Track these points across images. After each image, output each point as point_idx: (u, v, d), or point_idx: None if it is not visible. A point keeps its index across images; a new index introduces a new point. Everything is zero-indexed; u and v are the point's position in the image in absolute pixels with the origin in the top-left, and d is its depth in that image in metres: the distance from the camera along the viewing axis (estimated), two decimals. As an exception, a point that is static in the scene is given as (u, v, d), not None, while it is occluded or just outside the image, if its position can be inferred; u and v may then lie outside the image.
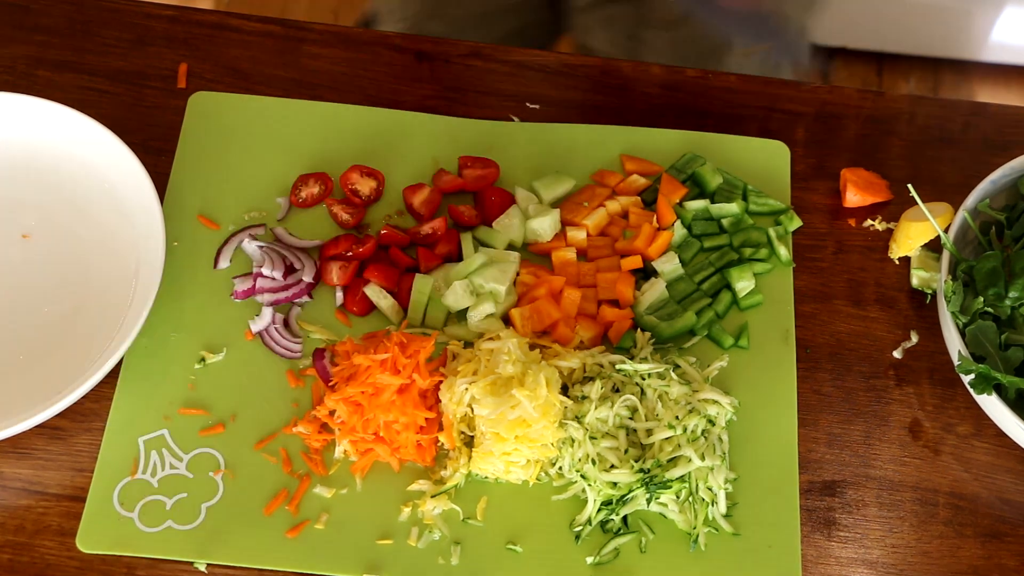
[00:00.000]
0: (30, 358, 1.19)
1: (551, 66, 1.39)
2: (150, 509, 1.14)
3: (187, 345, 1.21)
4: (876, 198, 1.32)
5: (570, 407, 1.15)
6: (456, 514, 1.15)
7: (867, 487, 1.19)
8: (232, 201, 1.29)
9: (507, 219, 1.27)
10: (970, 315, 1.17)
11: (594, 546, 1.14)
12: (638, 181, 1.31)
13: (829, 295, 1.28)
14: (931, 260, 1.27)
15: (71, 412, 1.18)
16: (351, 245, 1.25)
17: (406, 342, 1.17)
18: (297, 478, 1.16)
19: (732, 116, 1.37)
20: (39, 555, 1.12)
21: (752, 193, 1.31)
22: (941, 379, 1.24)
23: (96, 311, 1.21)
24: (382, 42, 1.40)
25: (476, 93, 1.37)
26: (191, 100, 1.34)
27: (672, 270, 1.26)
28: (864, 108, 1.38)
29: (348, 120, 1.34)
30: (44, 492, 1.15)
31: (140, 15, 1.39)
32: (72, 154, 1.27)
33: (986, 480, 1.20)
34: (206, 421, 1.18)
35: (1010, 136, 1.37)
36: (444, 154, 1.33)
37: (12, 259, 1.24)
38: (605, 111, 1.36)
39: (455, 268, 1.23)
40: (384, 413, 1.14)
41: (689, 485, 1.13)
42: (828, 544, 1.16)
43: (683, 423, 1.14)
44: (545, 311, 1.21)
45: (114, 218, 1.25)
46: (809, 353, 1.25)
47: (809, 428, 1.21)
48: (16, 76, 1.34)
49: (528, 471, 1.14)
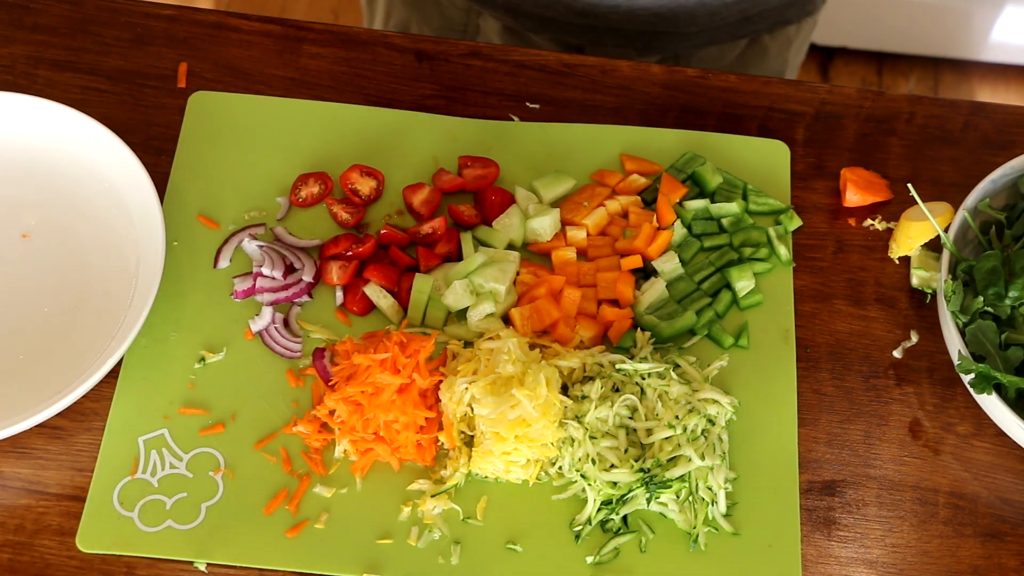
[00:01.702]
0: (30, 358, 1.19)
1: (551, 66, 1.39)
2: (150, 509, 1.14)
3: (187, 345, 1.21)
4: (876, 198, 1.32)
5: (570, 407, 1.15)
6: (456, 514, 1.15)
7: (867, 487, 1.19)
8: (232, 201, 1.29)
9: (507, 219, 1.27)
10: (970, 315, 1.17)
11: (594, 546, 1.14)
12: (638, 181, 1.31)
13: (829, 295, 1.28)
14: (931, 260, 1.27)
15: (71, 412, 1.18)
16: (351, 245, 1.25)
17: (406, 342, 1.17)
18: (297, 478, 1.16)
19: (732, 116, 1.37)
20: (39, 555, 1.12)
21: (752, 193, 1.31)
22: (941, 379, 1.24)
23: (96, 311, 1.21)
24: (382, 42, 1.40)
25: (476, 93, 1.37)
26: (191, 100, 1.34)
27: (672, 270, 1.26)
28: (864, 108, 1.39)
29: (348, 120, 1.34)
30: (44, 492, 1.15)
31: (140, 15, 1.39)
32: (72, 154, 1.27)
33: (986, 480, 1.20)
34: (206, 421, 1.18)
35: (1010, 136, 1.37)
36: (444, 154, 1.33)
37: (12, 259, 1.24)
38: (605, 111, 1.36)
39: (455, 268, 1.23)
40: (384, 413, 1.14)
41: (689, 485, 1.13)
42: (828, 544, 1.16)
43: (683, 423, 1.14)
44: (545, 311, 1.21)
45: (114, 218, 1.25)
46: (809, 353, 1.25)
47: (809, 428, 1.21)
48: (16, 76, 1.34)
49: (528, 471, 1.14)
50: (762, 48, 1.60)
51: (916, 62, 2.75)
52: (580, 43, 1.54)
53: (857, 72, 2.73)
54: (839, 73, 2.72)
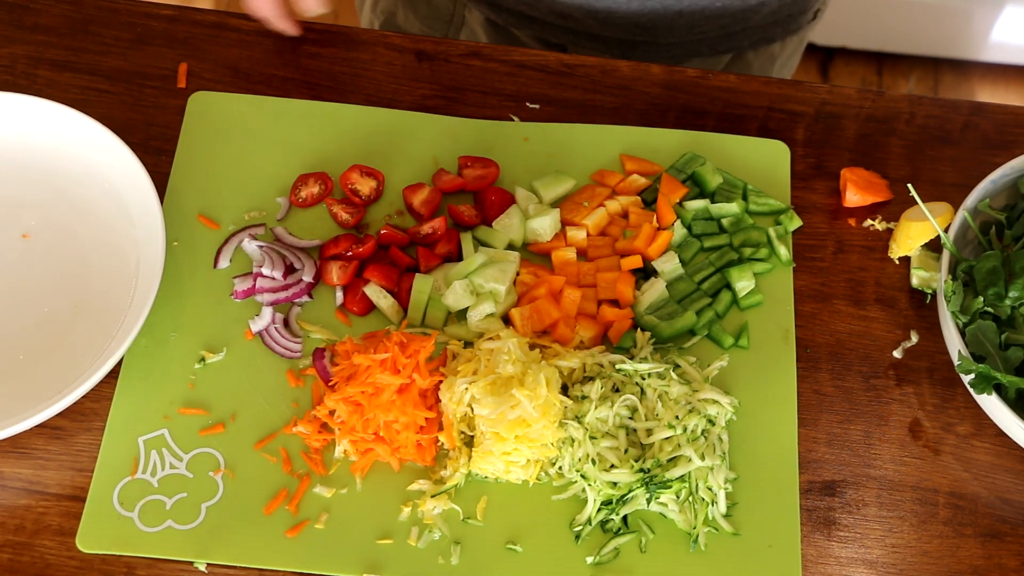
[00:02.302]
0: (30, 358, 1.19)
1: (551, 66, 1.39)
2: (150, 509, 1.14)
3: (187, 345, 1.21)
4: (876, 198, 1.32)
5: (570, 407, 1.15)
6: (456, 514, 1.15)
7: (867, 487, 1.19)
8: (232, 201, 1.29)
9: (507, 219, 1.27)
10: (970, 315, 1.17)
11: (594, 546, 1.14)
12: (638, 181, 1.31)
13: (829, 295, 1.28)
14: (931, 260, 1.27)
15: (71, 412, 1.18)
16: (351, 245, 1.25)
17: (406, 342, 1.17)
18: (297, 478, 1.16)
19: (732, 116, 1.37)
20: (39, 555, 1.12)
21: (752, 193, 1.31)
22: (941, 379, 1.24)
23: (96, 311, 1.21)
24: (382, 42, 1.40)
25: (476, 93, 1.37)
26: (191, 100, 1.34)
27: (672, 270, 1.26)
28: (864, 108, 1.39)
29: (348, 120, 1.34)
30: (44, 492, 1.15)
31: (140, 15, 1.39)
32: (72, 154, 1.27)
33: (986, 480, 1.20)
34: (206, 421, 1.18)
35: (1010, 136, 1.37)
36: (444, 154, 1.33)
37: (12, 259, 1.24)
38: (605, 111, 1.36)
39: (455, 268, 1.23)
40: (384, 413, 1.14)
41: (689, 485, 1.13)
42: (828, 544, 1.16)
43: (683, 423, 1.14)
44: (545, 311, 1.21)
45: (114, 218, 1.25)
46: (809, 353, 1.25)
47: (809, 428, 1.21)
48: (16, 76, 1.34)
49: (528, 471, 1.14)
50: (745, 64, 1.60)
51: (916, 62, 2.75)
52: (561, 43, 1.54)
53: (857, 72, 2.73)
54: (839, 73, 2.72)
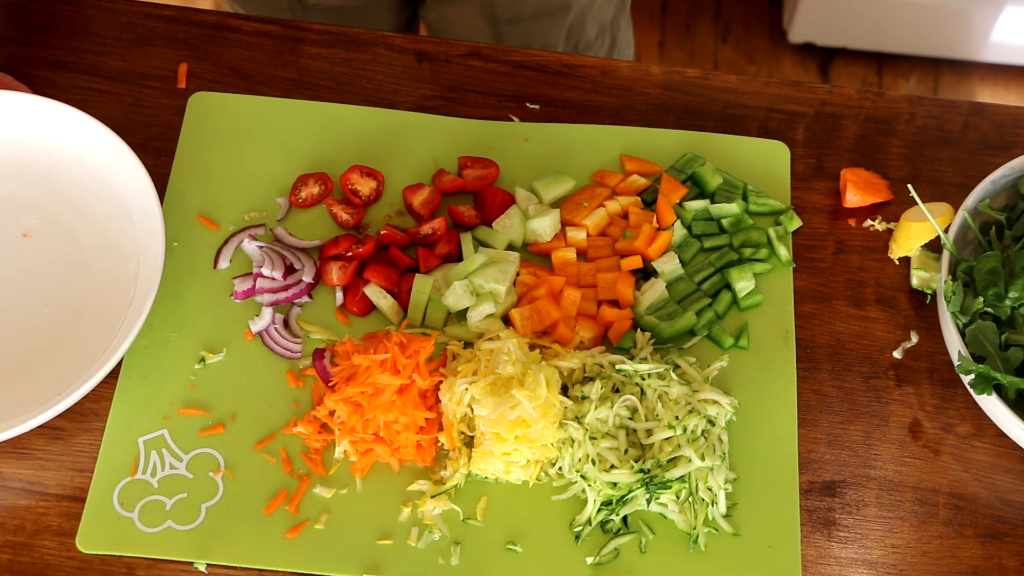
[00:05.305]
0: (30, 358, 1.19)
1: (551, 66, 1.39)
2: (150, 509, 1.14)
3: (187, 345, 1.21)
4: (876, 198, 1.32)
5: (570, 407, 1.15)
6: (456, 514, 1.15)
7: (867, 487, 1.19)
8: (232, 201, 1.29)
9: (507, 219, 1.27)
10: (970, 315, 1.17)
11: (594, 546, 1.14)
12: (638, 181, 1.31)
13: (829, 295, 1.28)
14: (931, 260, 1.27)
15: (71, 412, 1.18)
16: (351, 245, 1.25)
17: (406, 342, 1.17)
18: (297, 478, 1.16)
19: (732, 116, 1.37)
20: (39, 555, 1.12)
21: (752, 193, 1.31)
22: (941, 379, 1.24)
23: (96, 311, 1.21)
24: (382, 42, 1.40)
25: (476, 93, 1.37)
26: (191, 100, 1.34)
27: (672, 270, 1.26)
28: (864, 108, 1.39)
29: (348, 120, 1.34)
30: (44, 492, 1.15)
31: (140, 15, 1.39)
32: (72, 154, 1.27)
33: (986, 480, 1.20)
34: (206, 421, 1.18)
35: (1010, 136, 1.37)
36: (444, 154, 1.33)
37: (12, 259, 1.24)
38: (605, 111, 1.36)
39: (455, 268, 1.23)
40: (384, 413, 1.14)
41: (689, 485, 1.13)
42: (828, 544, 1.16)
43: (683, 423, 1.14)
44: (545, 311, 1.21)
45: (114, 218, 1.25)
46: (809, 353, 1.25)
47: (809, 428, 1.21)
48: (16, 76, 1.34)
49: (528, 471, 1.14)
50: None
51: (916, 62, 2.74)
52: None
53: (857, 72, 2.73)
54: (839, 73, 2.72)
